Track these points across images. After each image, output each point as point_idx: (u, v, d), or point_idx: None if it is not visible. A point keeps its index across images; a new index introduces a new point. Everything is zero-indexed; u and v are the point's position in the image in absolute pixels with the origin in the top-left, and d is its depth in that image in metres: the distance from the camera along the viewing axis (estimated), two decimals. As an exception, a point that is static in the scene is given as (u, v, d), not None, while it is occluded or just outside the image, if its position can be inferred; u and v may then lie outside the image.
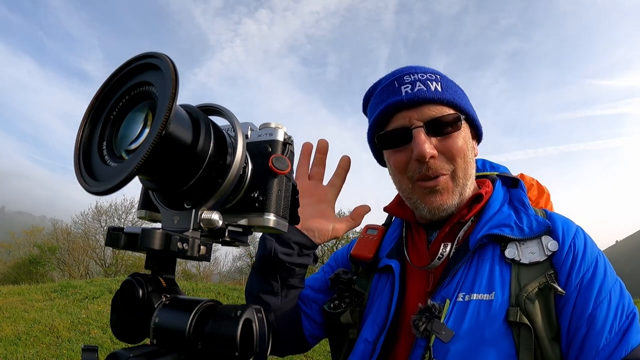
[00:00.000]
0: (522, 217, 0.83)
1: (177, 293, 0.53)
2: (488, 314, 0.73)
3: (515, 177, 0.95)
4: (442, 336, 0.72)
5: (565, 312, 0.72)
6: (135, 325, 0.51)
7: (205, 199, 0.52)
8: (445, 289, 0.79)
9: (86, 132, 0.50)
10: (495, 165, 1.05)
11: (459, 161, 0.84)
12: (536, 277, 0.74)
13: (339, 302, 0.91)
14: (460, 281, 0.78)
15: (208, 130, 0.51)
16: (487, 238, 0.80)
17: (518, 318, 0.70)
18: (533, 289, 0.73)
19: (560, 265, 0.75)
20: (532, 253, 0.77)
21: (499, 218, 0.84)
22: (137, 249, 0.49)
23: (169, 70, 0.43)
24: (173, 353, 0.47)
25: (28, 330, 7.08)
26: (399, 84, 0.87)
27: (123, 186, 0.42)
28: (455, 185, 0.85)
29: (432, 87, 0.85)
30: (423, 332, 0.75)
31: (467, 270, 0.79)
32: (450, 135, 0.84)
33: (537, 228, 0.80)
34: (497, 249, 0.80)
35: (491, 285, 0.76)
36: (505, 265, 0.77)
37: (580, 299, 0.72)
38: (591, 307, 0.71)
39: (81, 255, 18.53)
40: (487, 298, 0.74)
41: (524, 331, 0.70)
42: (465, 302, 0.75)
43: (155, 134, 0.40)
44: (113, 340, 6.55)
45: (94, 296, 9.64)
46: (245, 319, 0.46)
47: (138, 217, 0.60)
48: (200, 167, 0.49)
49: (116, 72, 0.50)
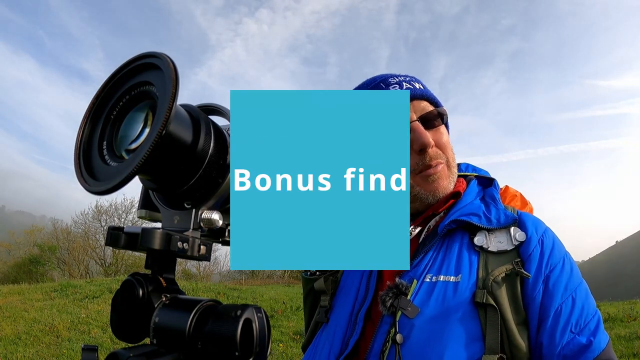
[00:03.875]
0: (491, 210, 0.87)
1: (177, 293, 0.54)
2: (454, 294, 0.76)
3: (491, 177, 0.99)
4: (407, 312, 0.75)
5: (533, 305, 0.75)
6: (135, 325, 0.51)
7: (206, 198, 0.52)
8: (413, 269, 0.81)
9: (86, 131, 0.50)
10: (477, 169, 1.09)
11: (449, 152, 0.91)
12: (503, 264, 0.77)
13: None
14: (429, 264, 0.81)
15: (208, 130, 0.51)
16: (455, 224, 0.84)
17: (484, 299, 0.73)
18: (500, 274, 0.76)
19: (527, 256, 0.78)
20: (500, 242, 0.81)
21: (469, 208, 0.88)
22: (137, 249, 0.49)
23: (169, 70, 0.43)
24: (173, 353, 0.47)
25: (28, 329, 7.09)
26: (386, 85, 0.93)
27: (123, 186, 0.42)
28: (450, 173, 0.90)
29: (417, 86, 0.92)
30: (390, 307, 0.77)
31: (435, 254, 0.83)
32: (439, 128, 0.90)
33: (504, 220, 0.83)
34: (465, 236, 0.84)
35: (458, 268, 0.79)
36: (474, 252, 0.81)
37: (548, 293, 0.75)
38: (557, 303, 0.74)
39: (81, 255, 18.53)
40: (453, 280, 0.77)
41: (490, 312, 0.72)
42: (433, 283, 0.78)
43: (155, 133, 0.40)
44: (113, 340, 6.56)
45: (94, 296, 9.65)
46: (245, 318, 0.46)
47: (138, 216, 0.60)
48: (201, 166, 0.50)
49: (116, 72, 0.50)
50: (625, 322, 7.35)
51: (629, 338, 6.32)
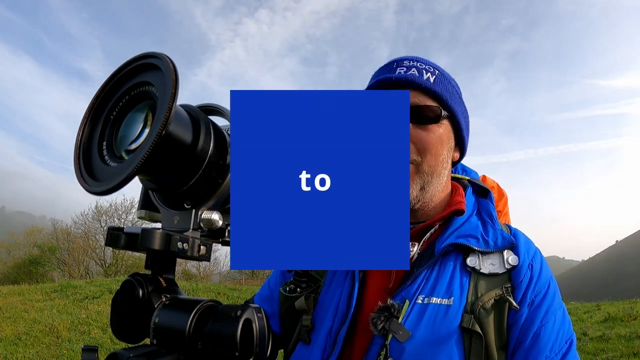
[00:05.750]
0: (488, 230, 0.85)
1: (177, 293, 0.53)
2: (444, 318, 0.75)
3: (485, 187, 0.97)
4: (399, 336, 0.74)
5: (515, 327, 0.77)
6: (135, 325, 0.51)
7: (205, 199, 0.52)
8: (406, 289, 0.80)
9: (86, 132, 0.50)
10: (467, 168, 1.06)
11: (427, 156, 0.83)
12: (493, 288, 0.78)
13: (294, 286, 0.91)
14: (422, 284, 0.80)
15: (208, 130, 0.51)
16: (453, 246, 0.82)
17: (471, 325, 0.74)
18: (489, 299, 0.77)
19: (518, 282, 0.79)
20: (492, 264, 0.80)
21: (467, 228, 0.85)
22: (137, 249, 0.49)
23: (169, 70, 0.43)
24: (173, 353, 0.47)
25: (28, 330, 7.09)
26: (396, 65, 0.89)
27: (123, 186, 0.42)
28: (418, 177, 0.84)
29: (424, 77, 0.85)
30: (381, 330, 0.76)
31: (429, 274, 0.81)
32: (426, 127, 0.84)
33: (501, 243, 0.83)
34: (459, 257, 0.82)
35: (450, 291, 0.78)
36: (466, 273, 0.80)
37: (530, 316, 0.77)
38: (537, 325, 0.76)
39: (81, 256, 18.52)
40: (445, 303, 0.77)
41: (475, 338, 0.73)
42: (424, 305, 0.77)
43: (155, 134, 0.40)
44: (113, 340, 6.55)
45: (94, 296, 9.65)
46: (245, 319, 0.46)
47: (138, 217, 0.60)
48: (200, 167, 0.49)
49: (116, 72, 0.50)
50: (625, 322, 7.36)
51: (629, 337, 6.32)
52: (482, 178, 1.05)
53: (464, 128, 0.92)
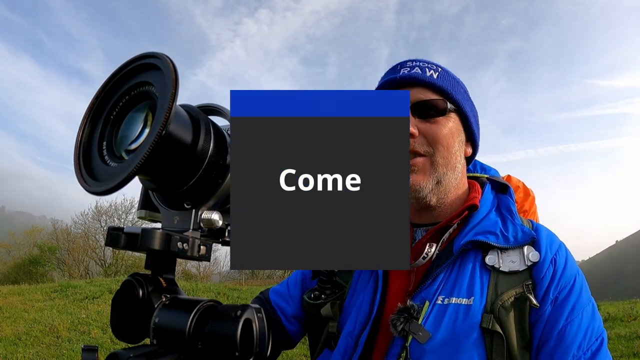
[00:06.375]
0: (508, 226, 0.83)
1: (177, 293, 0.53)
2: (465, 318, 0.74)
3: (505, 183, 0.95)
4: (419, 337, 0.73)
5: (538, 325, 0.74)
6: (135, 325, 0.51)
7: (206, 199, 0.52)
8: (425, 290, 0.79)
9: (86, 132, 0.50)
10: (486, 167, 1.04)
11: (439, 147, 0.83)
12: (513, 286, 0.75)
13: (319, 293, 0.91)
14: (442, 284, 0.79)
15: (208, 130, 0.51)
16: (471, 244, 0.81)
17: (491, 325, 0.72)
18: (509, 298, 0.74)
19: (539, 279, 0.76)
20: (512, 262, 0.78)
21: (486, 224, 0.84)
22: (137, 249, 0.49)
23: (168, 70, 0.43)
24: (173, 353, 0.47)
25: (28, 330, 7.08)
26: (400, 67, 0.90)
27: (123, 186, 0.42)
28: (432, 170, 0.84)
29: (427, 74, 0.86)
30: (401, 331, 0.75)
31: (448, 274, 0.80)
32: (434, 120, 0.84)
33: (522, 238, 0.80)
34: (479, 255, 0.81)
35: (471, 290, 0.77)
36: (485, 272, 0.78)
37: (553, 314, 0.74)
38: (562, 323, 0.73)
39: (81, 255, 18.52)
40: (465, 302, 0.75)
41: (496, 338, 0.72)
42: (444, 305, 0.76)
43: (155, 134, 0.40)
44: (113, 340, 6.55)
45: (94, 296, 9.65)
46: (245, 319, 0.46)
47: (138, 217, 0.60)
48: (200, 167, 0.49)
49: (116, 72, 0.50)
50: (625, 322, 7.35)
51: (629, 337, 6.32)
52: (506, 178, 1.03)
53: (473, 122, 0.92)
